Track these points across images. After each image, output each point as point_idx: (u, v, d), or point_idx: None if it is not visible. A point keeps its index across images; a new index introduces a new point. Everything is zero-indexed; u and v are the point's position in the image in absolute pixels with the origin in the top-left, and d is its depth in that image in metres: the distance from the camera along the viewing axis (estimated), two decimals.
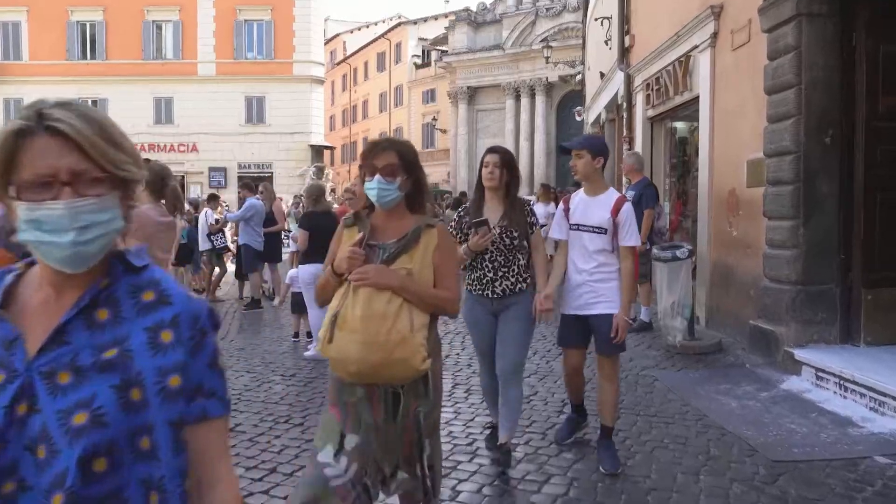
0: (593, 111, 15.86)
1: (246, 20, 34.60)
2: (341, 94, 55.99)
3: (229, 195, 29.81)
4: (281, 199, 25.74)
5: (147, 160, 4.66)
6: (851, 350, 5.52)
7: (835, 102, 5.61)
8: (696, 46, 7.79)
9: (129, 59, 33.99)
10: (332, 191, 26.67)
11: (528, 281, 3.74)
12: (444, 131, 42.62)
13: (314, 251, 6.55)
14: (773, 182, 5.94)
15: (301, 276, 6.65)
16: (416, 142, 45.97)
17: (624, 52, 10.79)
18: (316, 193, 6.68)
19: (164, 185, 4.51)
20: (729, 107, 7.08)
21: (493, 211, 3.73)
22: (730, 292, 7.03)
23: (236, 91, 34.39)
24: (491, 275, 3.71)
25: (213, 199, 11.30)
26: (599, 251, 3.78)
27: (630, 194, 7.31)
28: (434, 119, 43.58)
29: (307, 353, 6.61)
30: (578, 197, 3.94)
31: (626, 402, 4.98)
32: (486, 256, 3.70)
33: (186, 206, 11.10)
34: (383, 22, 51.85)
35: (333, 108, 57.59)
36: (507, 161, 3.73)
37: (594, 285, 3.78)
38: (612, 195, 3.86)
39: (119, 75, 33.73)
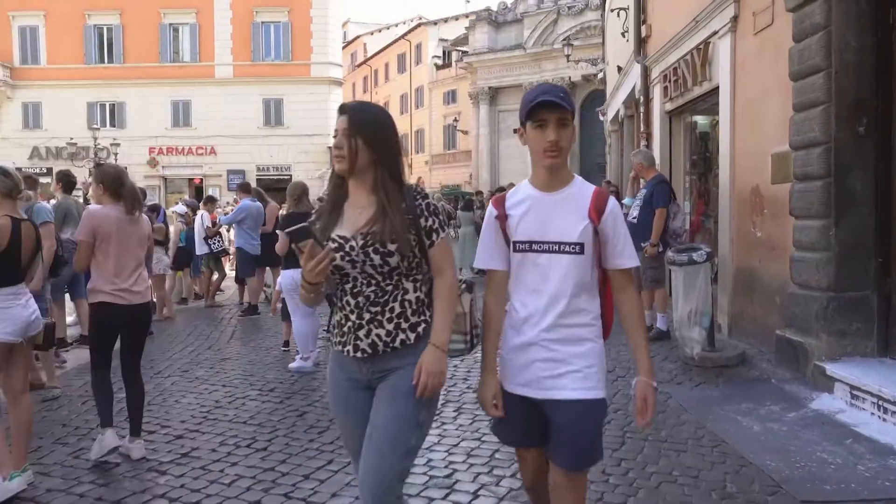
0: (612, 107, 15.25)
1: (263, 22, 34.47)
2: (362, 96, 55.73)
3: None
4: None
5: (99, 164, 4.26)
6: (891, 365, 4.89)
7: (869, 87, 4.99)
8: (715, 32, 7.19)
9: (147, 63, 34.01)
10: None
11: (423, 327, 2.21)
12: (465, 132, 42.11)
13: (296, 255, 6.10)
14: (800, 177, 5.34)
15: (282, 282, 6.20)
16: (438, 143, 45.66)
17: (640, 43, 10.19)
18: (298, 192, 6.21)
19: (121, 184, 4.21)
20: (751, 96, 6.48)
21: (356, 210, 2.21)
22: (754, 299, 6.42)
23: (254, 93, 34.27)
24: (354, 318, 2.18)
25: (210, 202, 10.92)
26: (570, 286, 2.18)
27: (642, 193, 6.76)
28: (455, 120, 43.11)
29: (292, 365, 6.16)
30: (524, 193, 2.27)
31: (634, 424, 4.41)
32: (348, 287, 2.20)
33: (185, 209, 10.75)
34: (403, 23, 51.53)
35: None
36: (363, 124, 2.16)
37: (556, 348, 2.18)
38: (583, 188, 2.24)
39: (136, 78, 33.77)
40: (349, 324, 2.18)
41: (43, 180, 33.82)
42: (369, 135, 2.14)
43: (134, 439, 4.17)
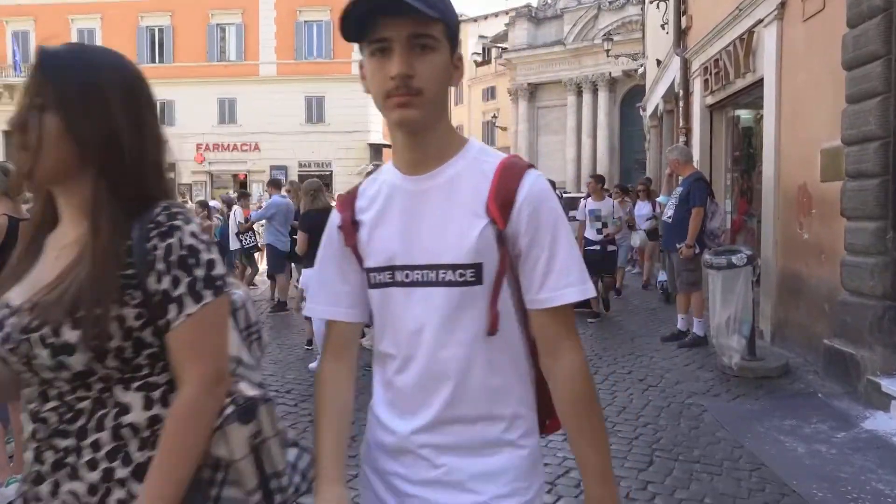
0: (651, 103, 14.74)
1: (306, 21, 34.73)
2: None
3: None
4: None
5: None
6: None
7: None
8: (760, 21, 6.75)
9: (195, 62, 34.62)
10: None
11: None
12: (504, 129, 41.77)
13: (315, 254, 5.93)
14: (853, 175, 4.93)
15: (303, 281, 6.03)
16: (477, 140, 45.31)
17: (680, 35, 9.74)
18: (314, 189, 6.02)
19: None
20: (799, 88, 6.04)
21: (53, 254, 1.17)
22: (800, 305, 6.00)
23: (296, 91, 34.57)
24: (32, 462, 1.15)
25: (243, 197, 10.85)
26: (462, 348, 1.18)
27: (677, 191, 6.39)
28: (494, 117, 42.84)
29: (312, 366, 5.97)
30: (380, 182, 1.29)
31: (665, 441, 4.11)
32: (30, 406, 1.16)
33: (219, 205, 10.73)
34: None
35: None
36: (63, 88, 1.13)
37: (444, 461, 1.21)
38: (480, 163, 1.23)
39: (185, 78, 34.37)
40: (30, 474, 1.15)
41: None
42: (74, 108, 1.11)
43: None
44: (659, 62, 12.37)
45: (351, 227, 1.28)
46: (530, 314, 1.21)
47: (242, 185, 31.85)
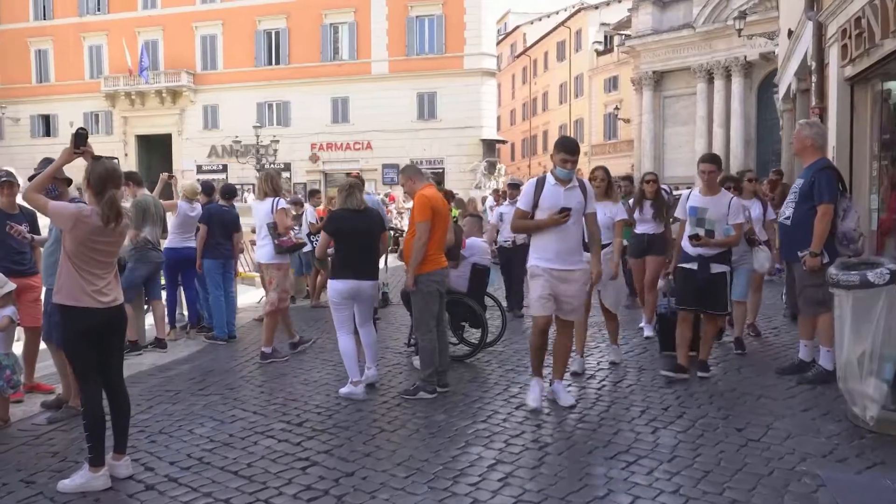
0: (783, 82, 12.80)
1: (417, 16, 34.51)
2: (521, 88, 54.71)
3: (401, 191, 29.80)
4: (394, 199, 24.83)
5: (98, 157, 3.58)
6: None
7: None
8: None
9: (309, 63, 35.37)
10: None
11: None
12: (626, 121, 39.63)
13: (344, 262, 5.12)
14: None
15: (329, 294, 5.24)
16: (598, 133, 43.52)
17: None
18: (349, 185, 5.20)
19: (103, 188, 3.54)
20: None
21: None
22: None
23: (408, 88, 34.49)
24: None
25: (313, 195, 10.33)
26: None
27: (797, 183, 5.00)
28: (616, 108, 40.81)
29: (342, 391, 5.20)
30: None
31: None
32: None
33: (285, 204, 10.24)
34: (564, 10, 49.65)
35: (513, 102, 56.57)
36: None
37: None
38: None
39: (300, 78, 35.23)
40: None
41: (218, 177, 36.38)
42: None
43: (119, 456, 3.65)
44: (790, 33, 10.57)
45: None
46: None
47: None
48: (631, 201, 7.19)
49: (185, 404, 5.05)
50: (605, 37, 43.03)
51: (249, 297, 10.21)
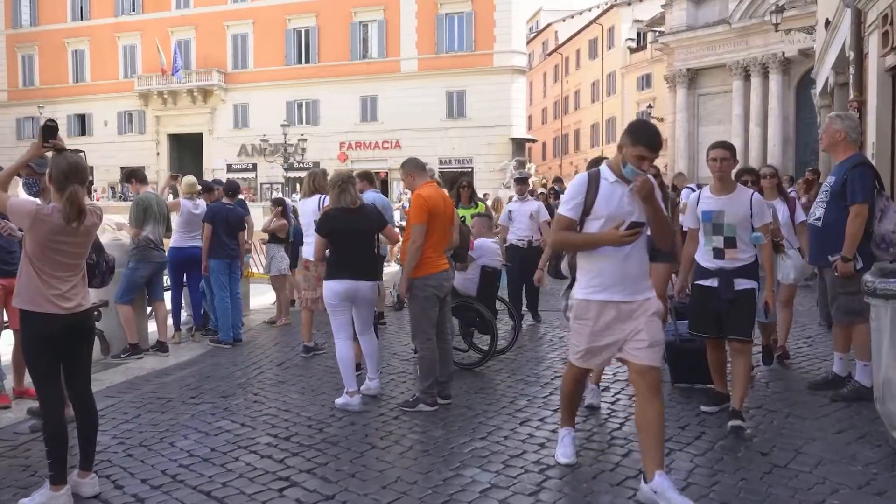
0: (821, 76, 12.20)
1: (447, 14, 34.28)
2: (553, 86, 54.10)
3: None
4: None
5: (62, 150, 3.34)
6: None
7: None
8: None
9: (338, 61, 35.35)
10: (544, 187, 24.03)
11: None
12: (660, 119, 38.76)
13: (341, 262, 4.84)
14: None
15: (325, 297, 4.96)
16: None
17: None
18: (342, 180, 4.90)
19: (64, 182, 3.31)
20: None
21: None
22: None
23: (437, 86, 34.27)
24: None
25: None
26: None
27: (829, 181, 4.58)
28: (650, 107, 39.95)
29: (338, 401, 4.92)
30: None
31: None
32: None
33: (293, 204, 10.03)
34: (597, 7, 48.93)
35: (545, 101, 55.98)
36: None
37: None
38: None
39: (329, 77, 35.24)
40: None
41: (247, 176, 36.76)
42: None
43: (85, 473, 3.42)
44: (828, 23, 10.01)
45: None
46: None
47: (384, 184, 31.90)
48: None
49: (173, 413, 4.82)
50: (638, 34, 42.27)
51: (264, 299, 10.01)
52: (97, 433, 3.55)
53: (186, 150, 39.05)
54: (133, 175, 6.79)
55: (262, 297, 10.04)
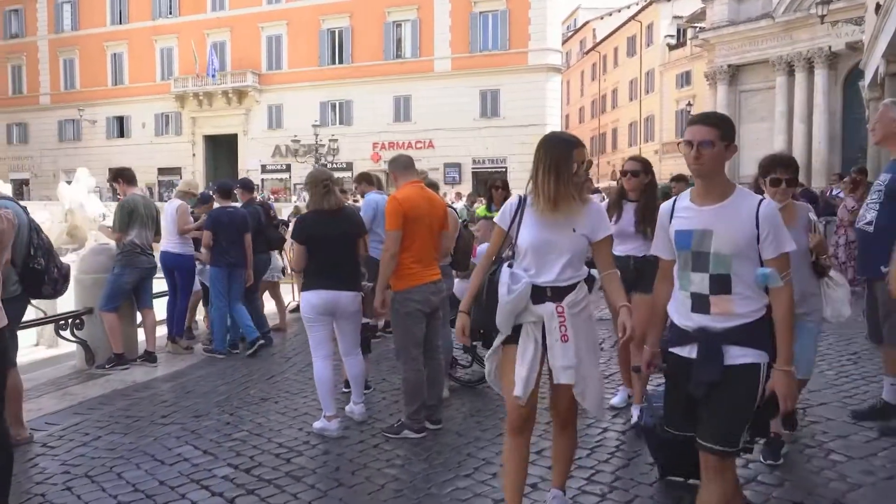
0: (870, 66, 11.31)
1: (481, 12, 33.74)
2: (590, 84, 53.07)
3: (464, 189, 29.07)
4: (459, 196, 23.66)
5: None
6: None
7: None
8: None
9: (372, 61, 35.10)
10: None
11: None
12: None
13: (318, 270, 4.35)
14: None
15: (301, 308, 4.47)
16: (669, 130, 41.57)
17: None
18: (321, 181, 4.40)
19: None
20: None
21: None
22: None
23: (471, 85, 33.76)
24: None
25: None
26: None
27: (882, 178, 3.92)
28: (689, 104, 38.74)
29: (316, 425, 4.43)
30: None
31: None
32: None
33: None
34: (635, 3, 47.79)
35: (582, 100, 54.97)
36: None
37: None
38: None
39: (363, 77, 35.02)
40: None
41: (282, 176, 36.79)
42: None
43: None
44: (878, 8, 9.15)
45: None
46: None
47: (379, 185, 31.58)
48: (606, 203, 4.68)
49: (136, 436, 4.40)
50: (678, 30, 41.08)
51: (270, 305, 9.58)
52: (11, 474, 3.11)
53: (221, 151, 39.29)
54: (120, 175, 6.42)
55: (269, 304, 9.63)
